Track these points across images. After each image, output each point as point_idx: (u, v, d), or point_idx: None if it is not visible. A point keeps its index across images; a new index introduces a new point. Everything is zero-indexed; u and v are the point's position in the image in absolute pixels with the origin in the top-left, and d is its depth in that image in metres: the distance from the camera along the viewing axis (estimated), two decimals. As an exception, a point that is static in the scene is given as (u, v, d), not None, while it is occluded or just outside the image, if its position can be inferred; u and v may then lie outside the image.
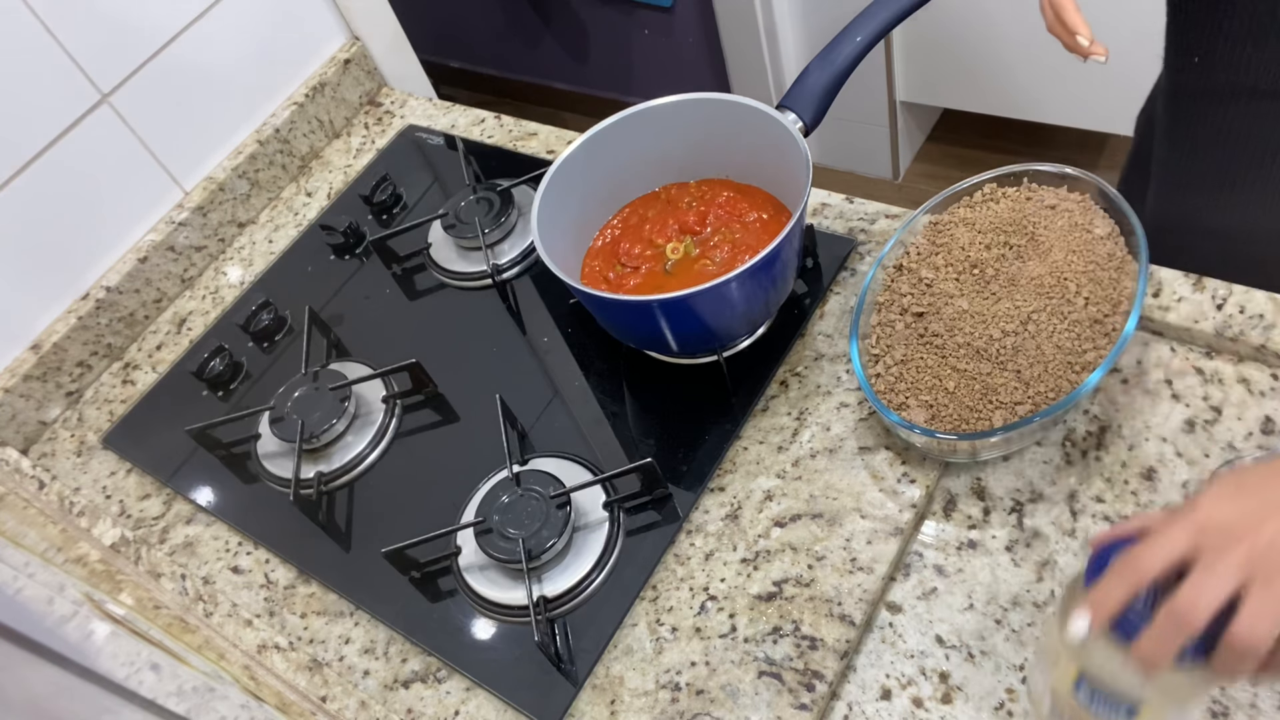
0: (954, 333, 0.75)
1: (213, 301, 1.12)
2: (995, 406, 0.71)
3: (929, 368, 0.75)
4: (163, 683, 0.59)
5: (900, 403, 0.74)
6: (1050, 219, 0.77)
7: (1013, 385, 0.71)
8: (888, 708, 0.67)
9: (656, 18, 2.12)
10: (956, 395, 0.72)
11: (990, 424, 0.70)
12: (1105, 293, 0.72)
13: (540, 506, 0.78)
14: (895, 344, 0.77)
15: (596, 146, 0.87)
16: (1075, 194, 0.78)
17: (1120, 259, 0.73)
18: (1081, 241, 0.75)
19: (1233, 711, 0.61)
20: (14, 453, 1.00)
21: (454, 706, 0.75)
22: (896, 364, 0.76)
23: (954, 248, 0.79)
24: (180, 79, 1.09)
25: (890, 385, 0.75)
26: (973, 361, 0.73)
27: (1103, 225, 0.75)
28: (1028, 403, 0.70)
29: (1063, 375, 0.70)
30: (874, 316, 0.80)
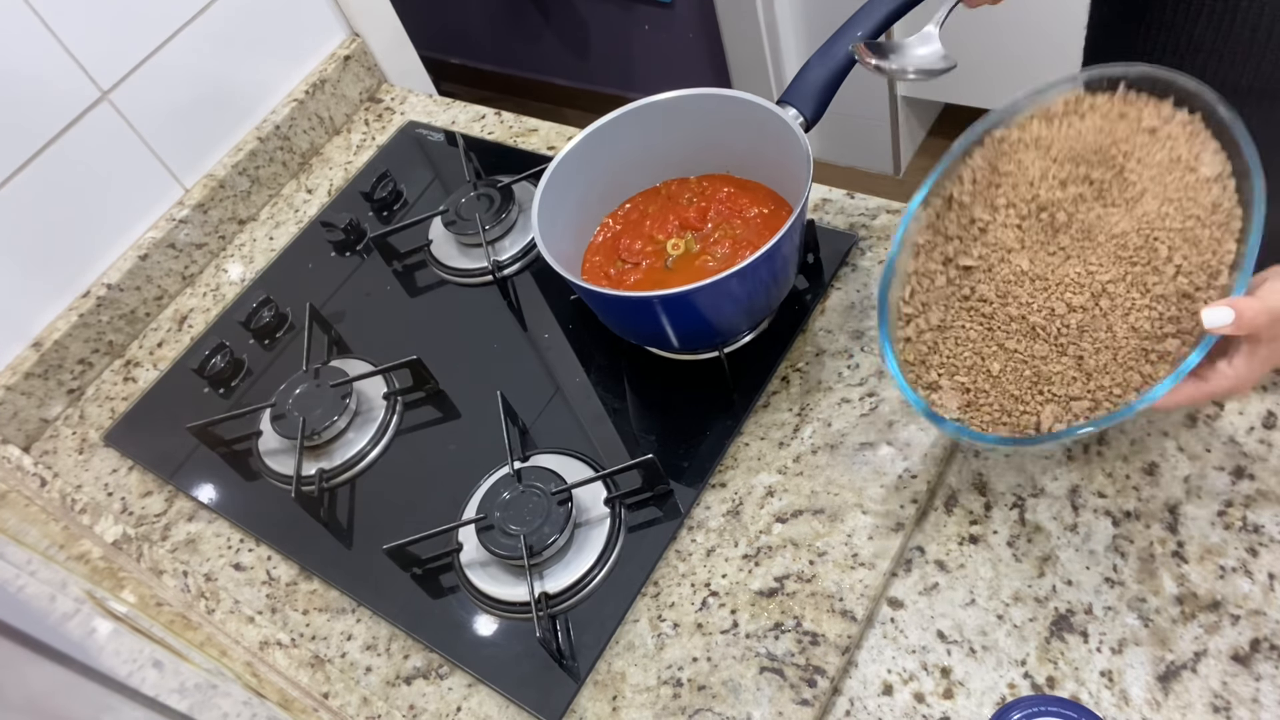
0: (1007, 300, 0.61)
1: (214, 299, 1.12)
2: (1046, 399, 0.59)
3: (970, 341, 0.62)
4: (165, 680, 0.59)
5: (932, 381, 0.63)
6: (1147, 149, 0.60)
7: (1071, 375, 0.59)
8: (889, 703, 0.67)
9: (657, 13, 2.12)
10: (1001, 381, 0.60)
11: (1037, 421, 0.59)
12: (1203, 258, 0.57)
13: (541, 503, 0.78)
14: (933, 303, 0.63)
15: (597, 142, 0.87)
16: (1183, 114, 0.61)
17: (1228, 211, 0.58)
18: (1182, 185, 0.59)
19: (1234, 706, 0.61)
20: (16, 450, 1.00)
21: (456, 703, 0.75)
22: (932, 329, 0.63)
23: (1020, 181, 0.63)
24: (180, 76, 1.09)
25: (921, 356, 0.63)
26: (1026, 340, 0.60)
27: (1211, 163, 0.59)
28: (1086, 398, 0.58)
29: (1134, 367, 0.58)
30: (912, 262, 0.65)
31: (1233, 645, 0.63)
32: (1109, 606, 0.66)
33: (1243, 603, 0.64)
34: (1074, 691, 0.64)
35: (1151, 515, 0.69)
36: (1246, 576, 0.65)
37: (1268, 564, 0.66)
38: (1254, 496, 0.68)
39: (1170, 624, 0.65)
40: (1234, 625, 0.64)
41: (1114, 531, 0.69)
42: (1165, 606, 0.66)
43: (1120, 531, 0.69)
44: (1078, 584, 0.68)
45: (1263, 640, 0.63)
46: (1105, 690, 0.64)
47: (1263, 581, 0.65)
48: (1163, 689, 0.63)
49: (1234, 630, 0.64)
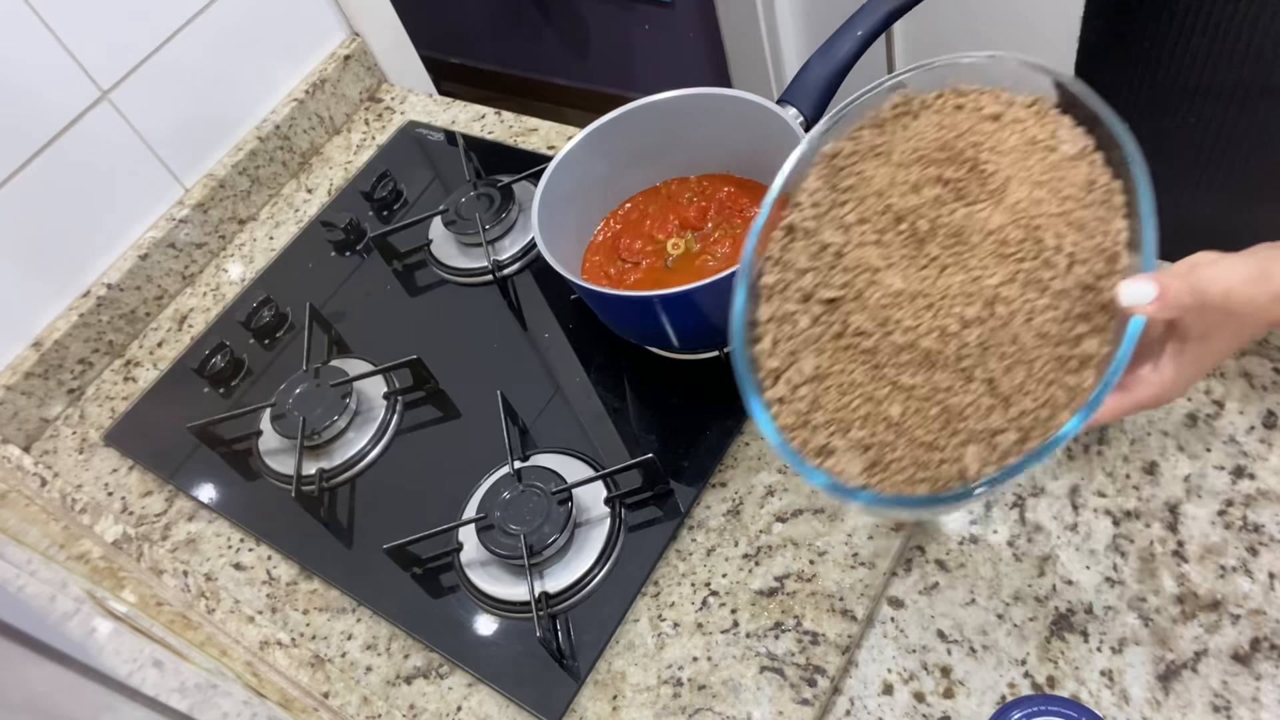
0: (888, 327, 0.51)
1: (214, 298, 1.12)
2: (965, 439, 0.49)
3: (857, 385, 0.52)
4: (165, 680, 0.59)
5: (822, 444, 0.52)
6: (997, 136, 0.53)
7: (986, 403, 0.49)
8: (889, 702, 0.67)
9: (657, 13, 2.12)
10: (905, 427, 0.50)
11: (962, 468, 0.49)
12: (1094, 242, 0.49)
13: (542, 502, 0.78)
14: (802, 350, 0.54)
15: (597, 142, 0.87)
16: (1024, 97, 0.54)
17: (1105, 188, 0.50)
18: (1046, 166, 0.51)
19: (1234, 705, 0.61)
20: (16, 450, 1.00)
21: (456, 702, 0.75)
22: (807, 382, 0.53)
23: (867, 193, 0.55)
24: (180, 76, 1.09)
25: (802, 417, 0.53)
26: (923, 371, 0.50)
27: (1071, 139, 0.52)
28: (1011, 428, 0.49)
29: (1055, 380, 0.48)
30: (765, 308, 0.56)
31: (1233, 645, 0.63)
32: (1109, 606, 0.66)
33: (1243, 602, 0.64)
34: (1074, 691, 0.64)
35: (1152, 514, 0.69)
36: (1247, 576, 0.65)
37: (1268, 563, 0.66)
38: (1254, 496, 0.68)
39: (1170, 623, 0.65)
40: (1234, 625, 0.64)
41: (1114, 531, 0.69)
42: (1165, 606, 0.66)
43: (1120, 531, 0.69)
44: (1078, 583, 0.68)
45: (1263, 640, 0.63)
46: (1105, 690, 0.64)
47: (1263, 581, 0.65)
48: (1163, 688, 0.63)
49: (1234, 630, 0.64)
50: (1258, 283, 0.47)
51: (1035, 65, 0.53)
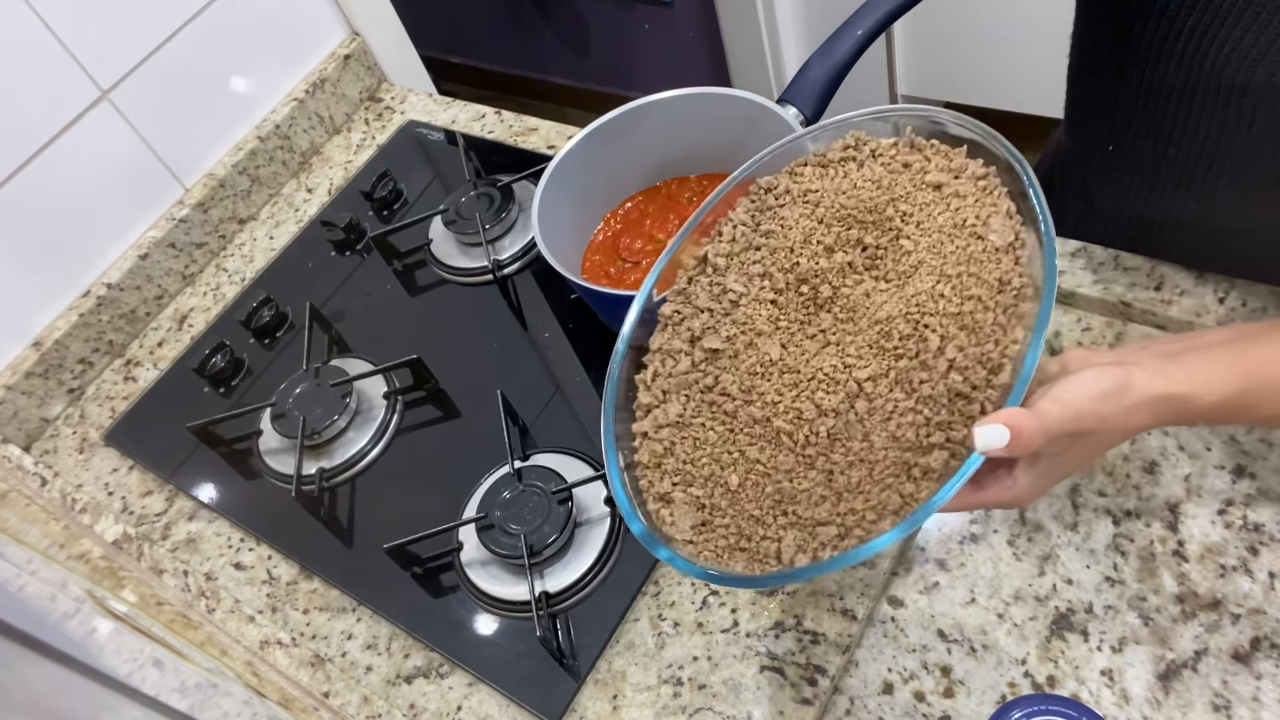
0: (750, 396, 0.51)
1: (214, 298, 1.12)
2: (789, 523, 0.49)
3: (709, 444, 0.52)
4: (165, 679, 0.59)
5: (664, 491, 0.52)
6: (929, 210, 0.52)
7: (819, 494, 0.49)
8: (890, 701, 0.67)
9: (657, 12, 2.12)
10: (739, 497, 0.50)
11: (778, 549, 0.49)
12: (982, 349, 0.47)
13: (542, 502, 0.78)
14: (674, 391, 0.53)
15: (597, 141, 0.87)
16: (976, 166, 0.52)
17: (1016, 291, 0.48)
18: (966, 255, 0.49)
19: (1235, 705, 0.61)
20: (16, 450, 1.00)
21: (456, 702, 0.75)
22: (670, 425, 0.53)
23: (780, 245, 0.54)
24: (180, 75, 1.09)
25: (657, 458, 0.52)
26: (770, 449, 0.50)
27: (1002, 230, 0.49)
28: (834, 523, 0.48)
29: (892, 485, 0.47)
30: (656, 337, 0.56)
31: (1233, 644, 0.63)
32: (1109, 605, 0.66)
33: (1243, 601, 0.64)
34: (1074, 690, 0.64)
35: (1152, 514, 0.69)
36: (1247, 575, 0.65)
37: (1268, 563, 0.66)
38: (1254, 495, 0.68)
39: (1171, 623, 0.65)
40: (1234, 624, 0.64)
41: (1114, 530, 0.69)
42: (1166, 605, 0.66)
43: (1121, 530, 0.69)
44: (1078, 583, 0.68)
45: (1263, 639, 0.63)
46: (1106, 689, 0.64)
47: (1263, 580, 0.65)
48: (1163, 688, 0.63)
49: (1234, 629, 0.64)
50: (1113, 397, 0.47)
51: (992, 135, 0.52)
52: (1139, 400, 0.47)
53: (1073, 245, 0.82)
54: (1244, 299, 0.75)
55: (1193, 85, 0.64)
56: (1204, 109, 0.65)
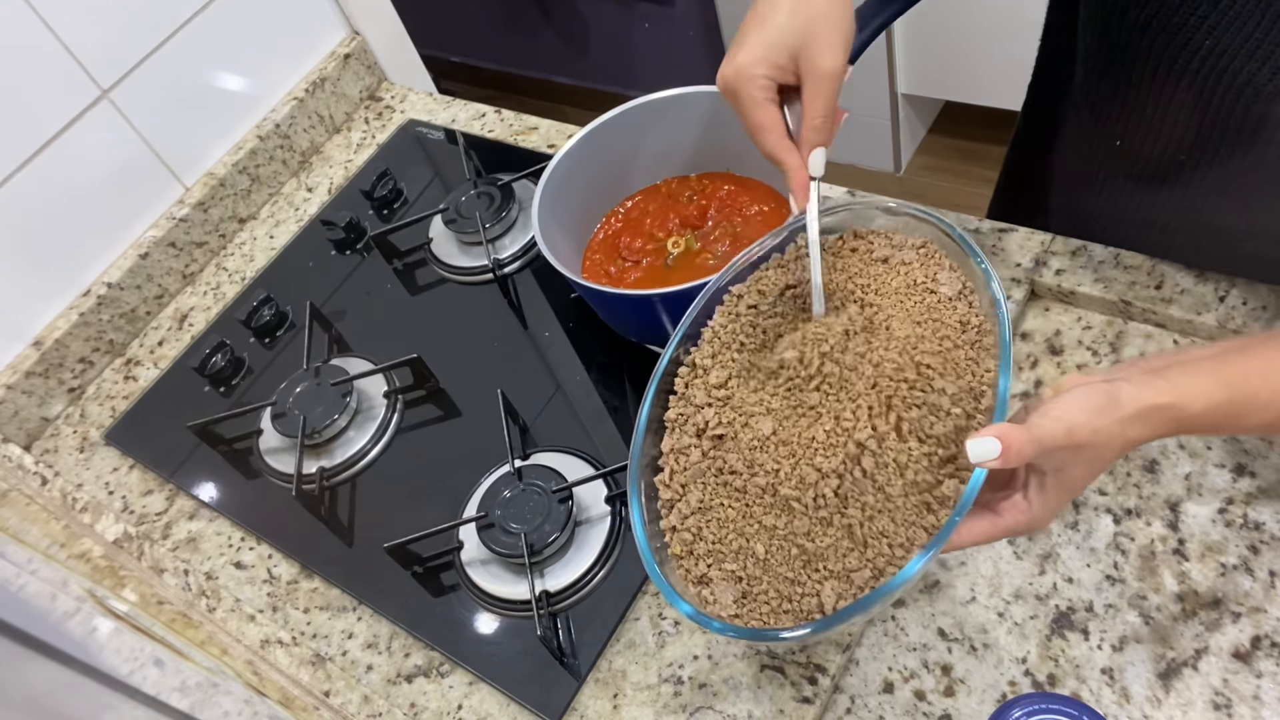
0: (754, 470, 0.55)
1: (214, 297, 1.12)
2: (824, 577, 0.52)
3: (731, 521, 0.55)
4: (166, 678, 0.59)
5: (702, 574, 0.55)
6: (883, 278, 0.58)
7: (844, 546, 0.52)
8: (890, 700, 0.67)
9: (657, 11, 2.11)
10: (770, 564, 0.53)
11: (819, 602, 0.51)
12: (964, 381, 0.53)
13: (542, 501, 0.78)
14: (692, 482, 0.57)
15: (597, 140, 0.87)
16: (911, 239, 0.60)
17: (977, 328, 0.55)
18: (925, 307, 0.56)
19: (1235, 703, 0.61)
20: (17, 449, 1.00)
21: (457, 701, 0.75)
22: (694, 513, 0.56)
23: (760, 340, 0.61)
24: (180, 75, 1.09)
25: (688, 546, 0.56)
26: (783, 516, 0.53)
27: (949, 282, 0.56)
28: (866, 568, 0.51)
29: (915, 522, 0.51)
30: (666, 440, 0.60)
31: (1234, 642, 0.63)
32: (1110, 604, 0.66)
33: (1243, 600, 0.64)
34: (1075, 689, 0.64)
35: (1152, 512, 0.69)
36: (1247, 574, 0.65)
37: (1268, 561, 0.66)
38: (1254, 494, 0.68)
39: (1171, 621, 0.65)
40: (1235, 622, 0.64)
41: (1115, 529, 0.69)
42: (1166, 604, 0.66)
43: (1121, 529, 0.69)
44: (1078, 581, 0.68)
45: (1263, 637, 0.63)
46: (1106, 688, 0.64)
47: (1263, 579, 0.65)
48: (1164, 686, 0.63)
49: (1235, 627, 0.64)
50: (1104, 411, 0.49)
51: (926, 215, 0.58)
52: (1129, 412, 0.50)
53: (1074, 244, 0.82)
54: (1244, 297, 0.75)
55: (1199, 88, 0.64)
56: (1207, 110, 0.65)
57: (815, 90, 0.61)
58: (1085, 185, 0.81)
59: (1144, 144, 0.73)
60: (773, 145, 0.63)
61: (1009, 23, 1.75)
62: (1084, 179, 0.81)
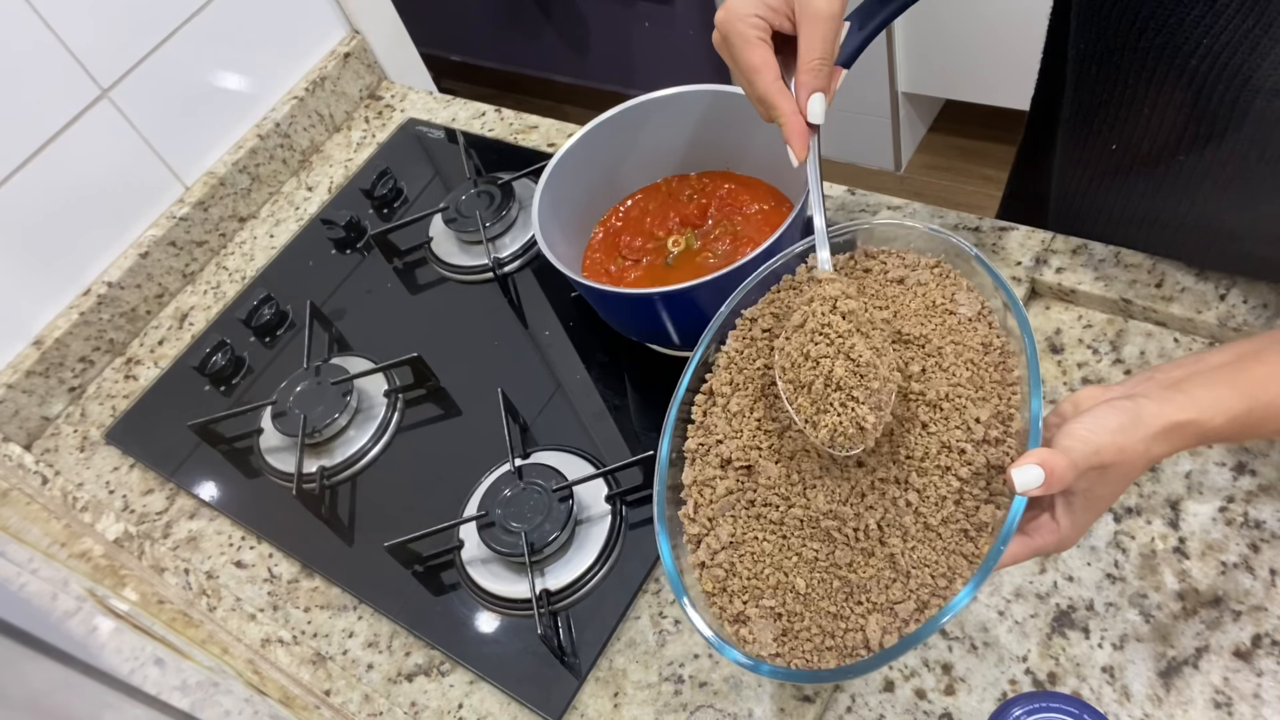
0: (790, 500, 0.53)
1: (214, 296, 1.12)
2: (868, 610, 0.50)
3: (767, 555, 0.53)
4: (166, 678, 0.59)
5: (738, 612, 0.53)
6: (900, 300, 0.56)
7: (887, 577, 0.50)
8: (890, 699, 0.67)
9: (657, 10, 2.11)
10: (811, 598, 0.51)
11: (864, 638, 0.50)
12: (992, 405, 0.52)
13: (543, 500, 0.78)
14: (720, 516, 0.55)
15: (597, 139, 0.87)
16: (925, 258, 0.58)
17: (1000, 350, 0.53)
18: (946, 329, 0.54)
19: (1236, 702, 0.61)
20: (17, 448, 1.00)
21: (457, 699, 0.75)
22: (725, 548, 0.54)
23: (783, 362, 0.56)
24: (180, 74, 1.09)
25: (720, 583, 0.53)
26: (824, 546, 0.52)
27: (968, 303, 0.55)
28: (910, 600, 0.50)
29: (956, 550, 0.50)
30: (687, 472, 0.57)
31: (1234, 641, 0.63)
32: (1110, 603, 0.66)
33: (1244, 598, 0.64)
34: (1075, 688, 0.64)
35: (1153, 511, 0.69)
36: (1248, 572, 0.65)
37: (1269, 559, 0.66)
38: (1255, 492, 0.68)
39: (1172, 620, 0.65)
40: (1235, 621, 0.64)
41: (1115, 528, 0.69)
42: (1166, 602, 0.66)
43: (1121, 527, 0.69)
44: (1079, 580, 0.68)
45: (1264, 636, 0.63)
46: (1107, 686, 0.64)
47: (1264, 577, 0.65)
48: (1164, 685, 0.63)
49: (1235, 626, 0.64)
50: (1128, 430, 0.50)
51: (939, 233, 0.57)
52: (1153, 430, 0.50)
53: (1074, 242, 0.82)
54: (1245, 296, 0.75)
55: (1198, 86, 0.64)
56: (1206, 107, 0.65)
57: (810, 32, 0.59)
58: (1084, 186, 0.81)
59: (1140, 145, 0.73)
60: (765, 87, 0.60)
61: (1009, 21, 1.75)
62: (1083, 180, 0.81)
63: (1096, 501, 0.52)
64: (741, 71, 0.61)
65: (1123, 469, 0.51)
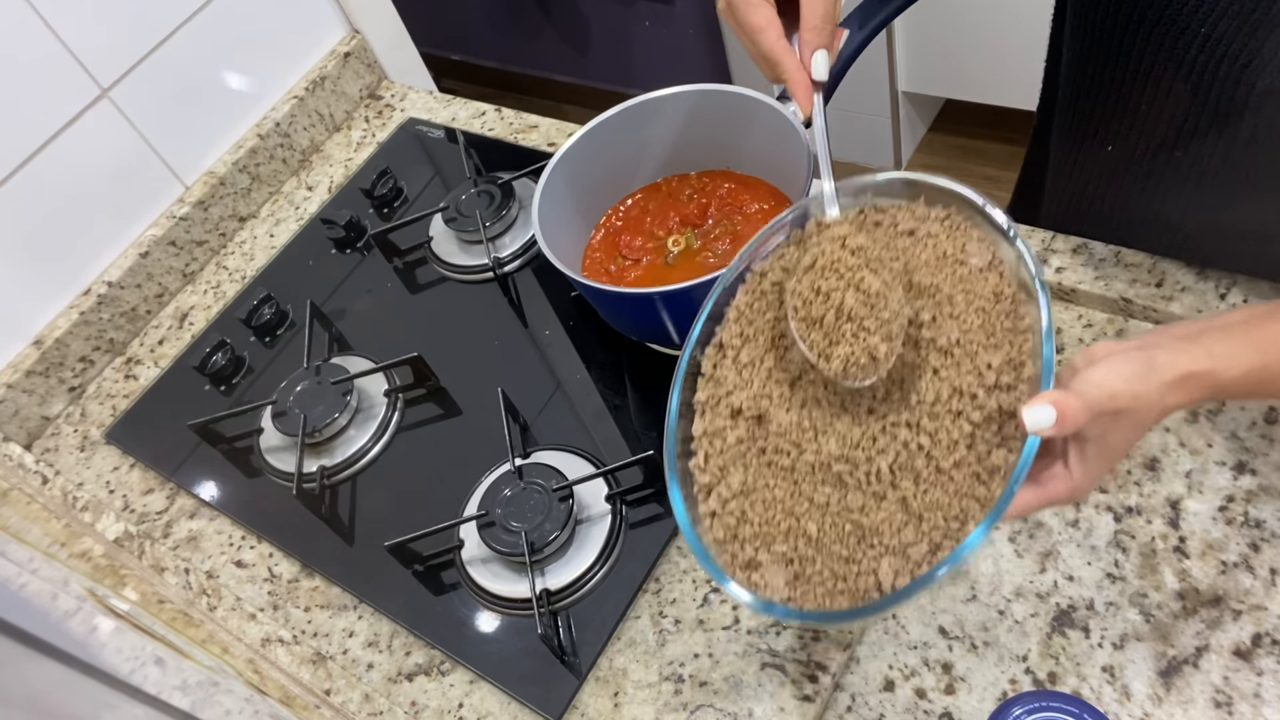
0: (801, 445, 0.54)
1: (214, 296, 1.12)
2: (880, 553, 0.51)
3: (779, 501, 0.54)
4: (167, 677, 0.59)
5: (749, 558, 0.53)
6: (910, 251, 0.56)
7: (899, 520, 0.51)
8: (891, 699, 0.67)
9: (657, 9, 2.11)
10: (823, 542, 0.52)
11: (877, 581, 0.51)
12: (1003, 352, 0.52)
13: (543, 499, 0.78)
14: (731, 465, 0.55)
15: (597, 139, 0.87)
16: (938, 210, 0.57)
17: (1011, 298, 0.53)
18: (957, 279, 0.55)
19: (1236, 701, 0.61)
20: (17, 448, 1.00)
21: (458, 699, 0.75)
22: (736, 496, 0.54)
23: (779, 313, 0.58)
24: (180, 73, 1.09)
25: (731, 530, 0.54)
26: (836, 490, 0.53)
27: (979, 253, 0.55)
28: (923, 542, 0.50)
29: (967, 493, 0.51)
30: (699, 422, 0.57)
31: (1234, 640, 0.63)
32: (1110, 602, 0.66)
33: (1244, 598, 0.64)
34: (1075, 687, 0.64)
35: (1153, 510, 0.69)
36: (1248, 572, 0.65)
37: (1269, 559, 0.66)
38: (1255, 491, 0.68)
39: (1172, 619, 0.65)
40: (1235, 620, 0.64)
41: (1115, 527, 0.69)
42: (1167, 602, 0.66)
43: (1122, 527, 0.69)
44: (1079, 579, 0.68)
45: (1264, 635, 0.63)
46: (1107, 685, 0.64)
47: (1264, 576, 0.65)
48: (1164, 684, 0.63)
49: (1236, 625, 0.64)
50: (1143, 377, 0.50)
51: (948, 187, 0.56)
52: (1166, 379, 0.50)
53: (1074, 242, 0.82)
54: (1245, 295, 0.75)
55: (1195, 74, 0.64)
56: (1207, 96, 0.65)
57: None
58: (1081, 186, 0.81)
59: (1136, 145, 0.73)
60: (769, 45, 0.62)
61: (1009, 20, 1.75)
62: (1080, 179, 0.81)
63: (1110, 450, 0.52)
64: (746, 32, 0.62)
65: (1137, 416, 0.51)
